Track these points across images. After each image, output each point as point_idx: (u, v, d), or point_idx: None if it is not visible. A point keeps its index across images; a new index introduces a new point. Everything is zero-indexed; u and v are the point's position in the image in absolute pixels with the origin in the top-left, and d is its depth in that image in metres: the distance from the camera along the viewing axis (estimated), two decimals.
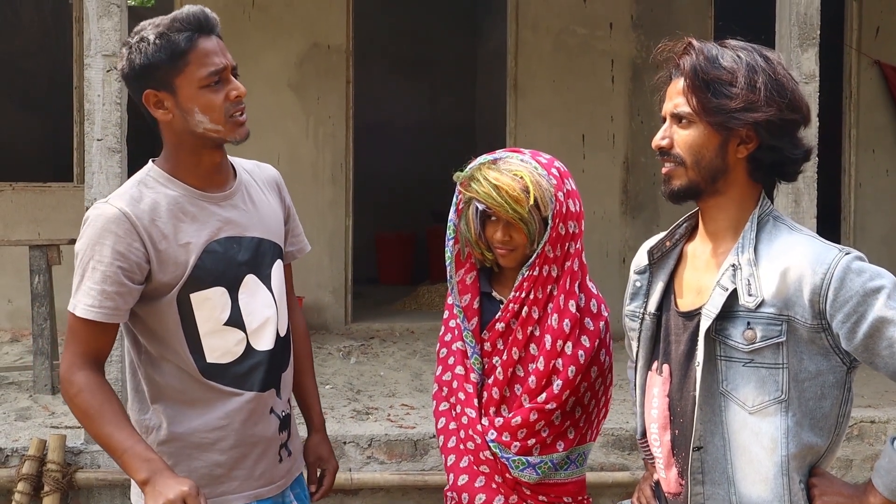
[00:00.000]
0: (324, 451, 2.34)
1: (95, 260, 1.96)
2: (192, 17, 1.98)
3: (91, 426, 1.95)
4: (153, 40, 1.96)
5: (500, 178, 2.19)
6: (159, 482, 1.84)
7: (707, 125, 1.77)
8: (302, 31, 6.83)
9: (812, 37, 4.02)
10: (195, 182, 2.06)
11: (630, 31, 6.98)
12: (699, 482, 1.82)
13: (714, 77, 1.76)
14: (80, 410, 1.96)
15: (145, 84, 2.00)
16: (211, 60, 1.98)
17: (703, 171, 1.79)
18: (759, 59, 1.78)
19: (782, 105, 1.75)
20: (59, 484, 3.83)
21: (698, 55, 1.78)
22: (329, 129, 6.90)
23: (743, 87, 1.74)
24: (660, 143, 1.83)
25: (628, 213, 7.01)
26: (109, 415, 1.93)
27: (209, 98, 1.98)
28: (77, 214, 5.00)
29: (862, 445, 4.33)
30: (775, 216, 1.83)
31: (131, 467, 1.88)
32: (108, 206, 2.00)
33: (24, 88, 8.71)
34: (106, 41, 3.85)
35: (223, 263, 2.05)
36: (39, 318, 5.08)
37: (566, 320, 2.23)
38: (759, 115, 1.74)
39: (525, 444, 2.24)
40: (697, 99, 1.77)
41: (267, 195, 2.21)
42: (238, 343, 2.08)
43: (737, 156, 1.79)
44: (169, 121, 2.02)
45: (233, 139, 2.03)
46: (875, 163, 7.20)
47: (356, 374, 5.53)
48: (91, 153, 3.87)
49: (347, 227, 6.96)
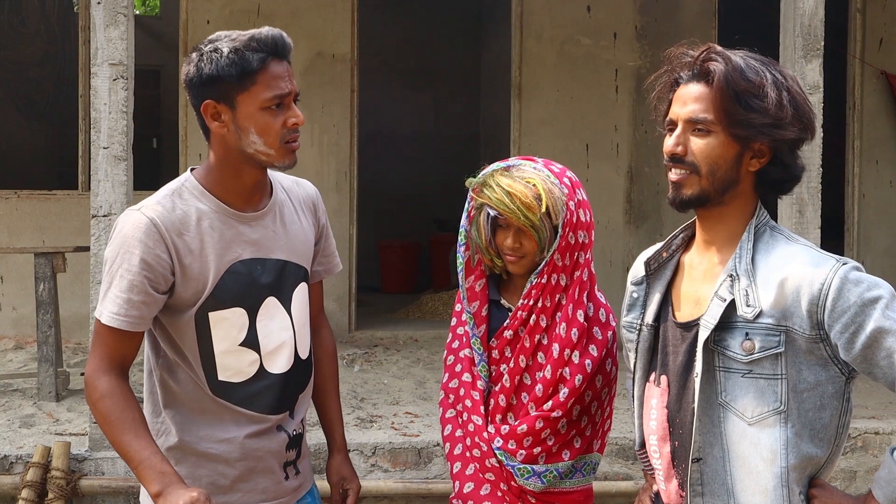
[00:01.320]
0: (346, 471, 2.33)
1: (124, 268, 1.97)
2: (269, 40, 1.98)
3: (110, 432, 1.96)
4: (227, 53, 1.96)
5: (513, 184, 2.20)
6: (171, 494, 1.85)
7: (728, 136, 1.75)
8: (307, 40, 6.86)
9: (816, 48, 4.03)
10: (230, 199, 2.06)
11: (634, 41, 7.01)
12: (699, 493, 1.81)
13: (744, 89, 1.74)
14: (101, 416, 1.97)
15: (207, 94, 1.99)
16: (277, 84, 1.97)
17: (717, 181, 1.78)
18: (778, 76, 1.77)
19: (802, 124, 1.76)
20: (64, 491, 3.84)
21: (727, 63, 1.76)
22: (333, 137, 6.92)
23: (773, 102, 1.73)
24: (675, 150, 1.79)
25: (632, 222, 7.01)
26: (129, 423, 1.94)
27: (267, 121, 1.98)
28: (82, 222, 5.03)
29: (866, 457, 4.32)
30: (772, 226, 1.83)
31: (146, 479, 1.89)
32: (140, 215, 2.00)
33: (29, 96, 8.75)
34: (112, 50, 3.87)
35: (245, 285, 2.06)
36: (44, 325, 5.08)
37: (574, 329, 2.24)
38: (786, 133, 1.74)
39: (531, 452, 2.24)
40: (725, 109, 1.74)
41: (300, 216, 2.20)
42: (251, 364, 2.08)
43: (748, 168, 1.79)
44: (223, 134, 2.01)
45: (281, 165, 2.03)
46: (879, 174, 7.20)
47: (360, 382, 5.53)
48: (97, 161, 3.89)
49: (351, 235, 6.97)
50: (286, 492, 2.17)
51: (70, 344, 6.36)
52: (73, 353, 6.22)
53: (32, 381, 5.25)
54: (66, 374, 5.25)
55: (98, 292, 3.75)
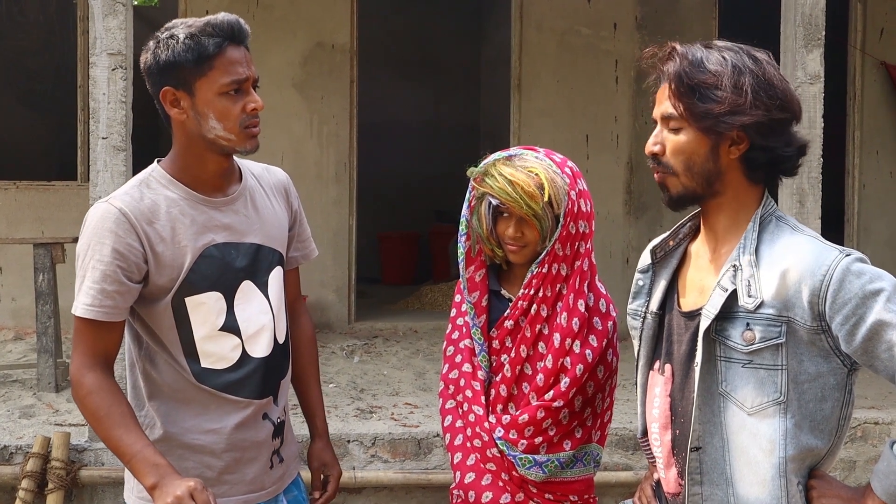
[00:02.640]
0: (328, 457, 2.34)
1: (96, 259, 1.97)
2: (225, 25, 2.01)
3: (100, 428, 1.96)
4: (183, 39, 1.98)
5: (516, 174, 2.20)
6: (167, 485, 1.85)
7: (696, 130, 1.76)
8: (306, 30, 6.83)
9: (817, 37, 4.02)
10: (198, 186, 2.07)
11: (634, 31, 6.98)
12: (697, 482, 1.81)
13: (699, 81, 1.75)
14: (90, 412, 1.97)
15: (165, 80, 2.00)
16: (234, 69, 1.99)
17: (696, 176, 1.79)
18: (746, 60, 1.76)
19: (771, 105, 1.74)
20: (63, 481, 3.84)
21: (682, 60, 1.77)
22: (333, 128, 6.90)
23: (729, 89, 1.72)
24: (652, 148, 1.83)
25: (632, 213, 7.01)
26: (118, 417, 1.94)
27: (226, 106, 1.99)
28: (81, 213, 5.02)
29: (865, 447, 4.32)
30: (778, 216, 1.82)
31: (140, 472, 1.89)
32: (108, 206, 2.01)
33: (28, 87, 8.73)
34: (111, 40, 3.86)
35: (219, 268, 2.06)
36: (43, 316, 5.08)
37: (575, 319, 2.24)
38: (746, 119, 1.73)
39: (532, 442, 2.24)
40: (684, 104, 1.76)
41: (272, 201, 2.21)
42: (234, 349, 2.08)
43: (729, 157, 1.78)
44: (182, 121, 2.02)
45: (242, 149, 2.04)
46: (879, 164, 7.19)
47: (359, 373, 5.53)
48: (96, 151, 3.88)
49: (351, 226, 6.96)
50: (272, 481, 2.17)
51: (69, 335, 6.34)
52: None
53: (32, 371, 5.26)
54: (66, 364, 5.26)
55: None
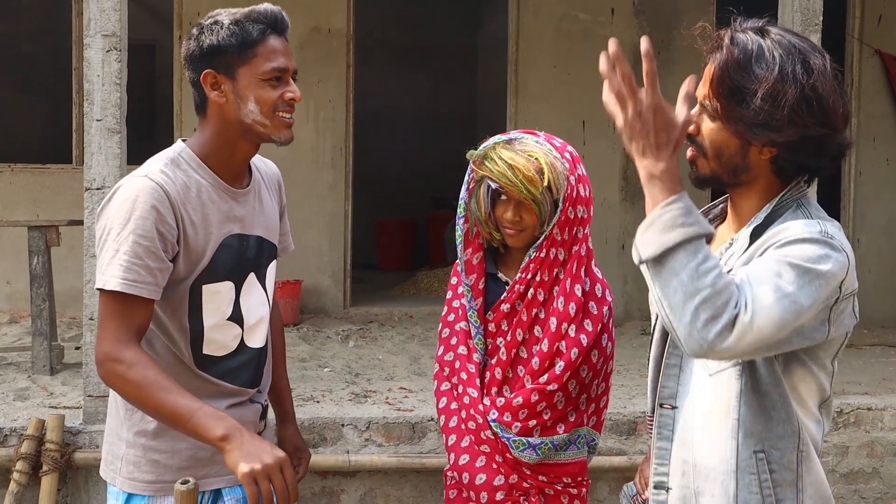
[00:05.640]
0: (299, 441, 2.39)
1: (137, 234, 1.91)
2: (269, 14, 2.02)
3: (150, 398, 1.87)
4: (227, 24, 1.99)
5: (515, 157, 2.19)
6: (246, 441, 1.79)
7: (728, 128, 1.71)
8: (303, 14, 6.80)
9: (815, 23, 4.01)
10: (223, 173, 2.06)
11: (632, 17, 6.95)
12: (667, 438, 1.79)
13: (739, 85, 1.67)
14: (135, 384, 1.88)
15: (207, 64, 2.00)
16: (277, 58, 2.00)
17: (723, 165, 1.75)
18: (797, 67, 1.66)
19: (810, 123, 1.66)
20: (58, 464, 3.84)
21: (729, 54, 1.69)
22: (329, 113, 6.88)
23: (767, 100, 1.64)
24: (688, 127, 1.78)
25: (628, 199, 7.00)
26: (167, 383, 1.87)
27: (267, 92, 1.99)
28: (76, 196, 5.00)
29: (858, 432, 4.34)
30: (800, 202, 1.76)
31: (206, 427, 1.81)
32: (148, 181, 1.95)
33: (23, 69, 8.69)
34: (105, 21, 3.83)
35: (235, 258, 2.06)
36: (38, 299, 5.07)
37: (572, 304, 2.24)
38: (776, 136, 1.66)
39: (526, 424, 2.24)
40: (720, 104, 1.70)
41: (270, 194, 2.22)
42: (234, 338, 2.10)
43: (760, 156, 1.73)
44: (221, 104, 2.01)
45: (277, 138, 2.03)
46: (875, 152, 7.18)
47: (355, 358, 5.53)
48: (90, 134, 3.86)
49: (347, 211, 6.95)
50: None
51: (64, 318, 6.35)
52: (68, 328, 6.22)
53: (27, 354, 5.25)
54: (61, 347, 5.25)
55: (91, 265, 3.73)
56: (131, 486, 2.07)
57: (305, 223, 6.67)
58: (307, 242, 6.59)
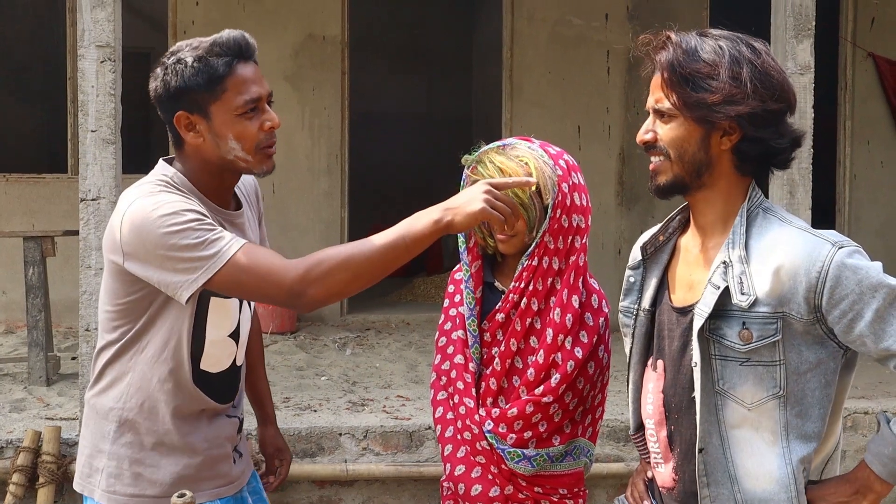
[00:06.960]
0: (280, 443, 2.41)
1: (193, 212, 1.89)
2: (232, 42, 1.96)
3: (363, 257, 1.85)
4: (191, 63, 1.93)
5: (506, 162, 2.21)
6: (458, 197, 1.88)
7: (688, 119, 1.75)
8: (297, 21, 6.81)
9: (807, 27, 4.01)
10: (213, 198, 2.06)
11: (626, 22, 6.97)
12: (704, 485, 1.80)
13: (692, 71, 1.73)
14: (341, 263, 1.84)
15: (178, 106, 1.96)
16: (248, 88, 1.95)
17: (686, 164, 1.78)
18: (744, 50, 1.75)
19: (767, 96, 1.73)
20: (54, 475, 3.83)
21: (675, 49, 1.76)
22: (324, 119, 6.88)
23: (726, 79, 1.71)
24: (644, 137, 1.83)
25: (624, 204, 7.01)
26: (353, 244, 1.89)
27: (245, 126, 1.96)
28: (71, 206, 5.00)
29: (856, 436, 4.34)
30: (765, 208, 1.81)
31: (425, 220, 1.89)
32: (154, 186, 1.97)
33: (18, 79, 8.68)
34: (100, 31, 3.83)
35: None
36: (34, 309, 5.06)
37: (568, 315, 2.23)
38: (741, 108, 1.71)
39: (521, 436, 2.24)
40: (676, 94, 1.75)
41: (252, 209, 2.23)
42: (229, 356, 2.11)
43: (720, 148, 1.77)
44: (198, 144, 1.98)
45: (259, 171, 2.02)
46: (870, 154, 7.20)
47: (352, 366, 5.53)
48: (85, 145, 3.85)
49: (343, 217, 6.95)
50: (236, 475, 2.19)
51: (60, 328, 6.34)
52: (64, 338, 6.21)
53: (23, 365, 5.24)
54: (57, 358, 5.24)
55: (87, 276, 3.72)
56: (109, 500, 2.05)
57: (301, 230, 6.67)
58: (303, 250, 6.54)
